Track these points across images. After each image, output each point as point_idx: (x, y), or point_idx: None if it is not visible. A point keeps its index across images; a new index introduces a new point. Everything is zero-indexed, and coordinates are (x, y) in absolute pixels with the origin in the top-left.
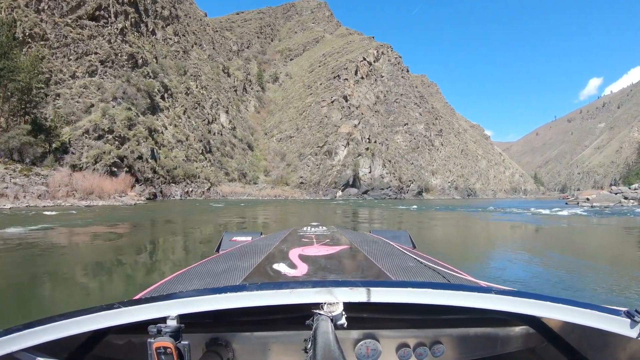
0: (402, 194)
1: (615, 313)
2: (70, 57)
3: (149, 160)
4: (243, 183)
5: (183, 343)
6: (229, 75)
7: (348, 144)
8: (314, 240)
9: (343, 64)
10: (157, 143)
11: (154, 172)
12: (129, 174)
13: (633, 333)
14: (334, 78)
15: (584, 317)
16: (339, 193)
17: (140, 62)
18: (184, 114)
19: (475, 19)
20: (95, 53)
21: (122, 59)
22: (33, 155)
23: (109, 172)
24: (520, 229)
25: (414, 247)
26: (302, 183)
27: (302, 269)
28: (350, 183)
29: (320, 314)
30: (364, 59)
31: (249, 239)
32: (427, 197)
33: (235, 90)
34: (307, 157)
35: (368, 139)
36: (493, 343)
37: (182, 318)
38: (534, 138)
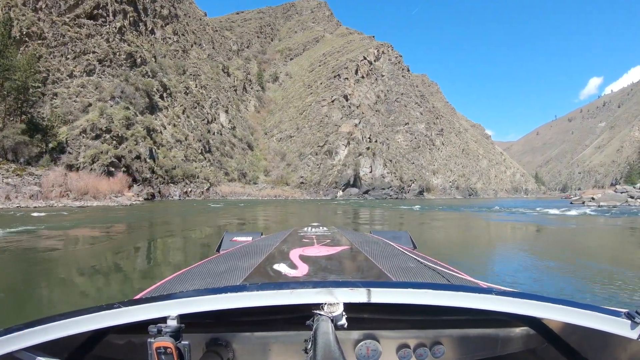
0: (403, 194)
1: (616, 314)
2: (68, 56)
3: (147, 160)
4: (243, 183)
5: (183, 343)
6: (229, 75)
7: (349, 144)
8: (315, 241)
9: (343, 63)
10: (155, 143)
11: (152, 172)
12: (127, 174)
13: (633, 334)
14: (334, 77)
15: (585, 318)
16: (340, 193)
17: (139, 61)
18: (183, 114)
19: (475, 19)
20: (93, 52)
21: (120, 58)
22: (28, 155)
23: (106, 172)
24: (532, 230)
25: (415, 247)
26: (302, 183)
27: (302, 270)
28: (351, 183)
29: (321, 315)
30: (365, 58)
31: (250, 239)
32: (428, 196)
33: (235, 90)
34: (307, 156)
35: (369, 139)
36: (493, 344)
37: (182, 318)
38: (535, 137)
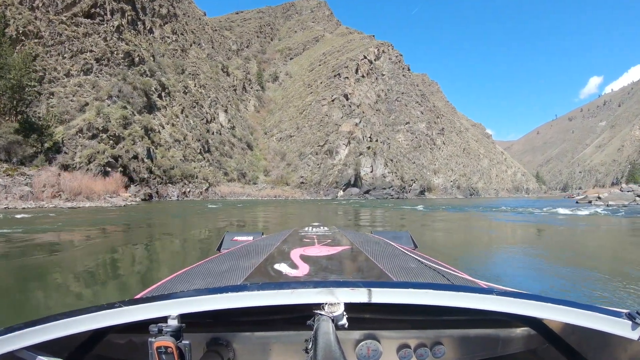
0: (404, 194)
1: (617, 315)
2: (65, 55)
3: (145, 160)
4: (242, 183)
5: (184, 342)
6: (228, 75)
7: (349, 143)
8: (316, 241)
9: (343, 63)
10: (153, 142)
11: (150, 172)
12: (124, 175)
13: (634, 335)
14: (335, 76)
15: (585, 318)
16: (341, 193)
17: (137, 60)
18: (182, 113)
19: (475, 18)
20: (91, 51)
21: (118, 57)
22: (21, 155)
23: (103, 172)
24: (548, 232)
25: (416, 247)
26: (302, 183)
27: (303, 269)
28: (352, 183)
29: (321, 315)
30: (365, 57)
31: (250, 239)
32: (429, 196)
33: (235, 90)
34: (307, 156)
35: (369, 138)
36: (494, 344)
37: (183, 317)
38: (535, 137)
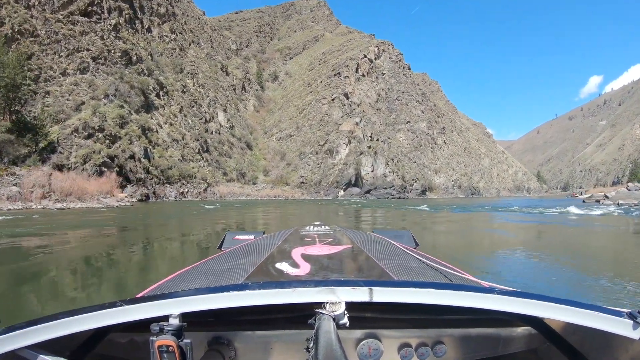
0: (405, 193)
1: (618, 314)
2: (61, 53)
3: (142, 160)
4: (242, 183)
5: (185, 341)
6: (228, 74)
7: (349, 142)
8: (317, 240)
9: (343, 62)
10: (151, 142)
11: (147, 172)
12: (119, 175)
13: (635, 335)
14: (335, 75)
15: (586, 318)
16: (341, 193)
17: (135, 59)
18: (180, 112)
19: (474, 18)
20: (87, 49)
21: (115, 56)
22: (13, 155)
23: (98, 172)
24: (573, 235)
25: (417, 246)
26: (302, 183)
27: (304, 268)
28: (353, 182)
29: (323, 314)
30: (365, 56)
31: (252, 238)
32: (430, 196)
33: (234, 89)
34: (307, 156)
35: (370, 137)
36: (495, 343)
37: (184, 316)
38: (535, 136)
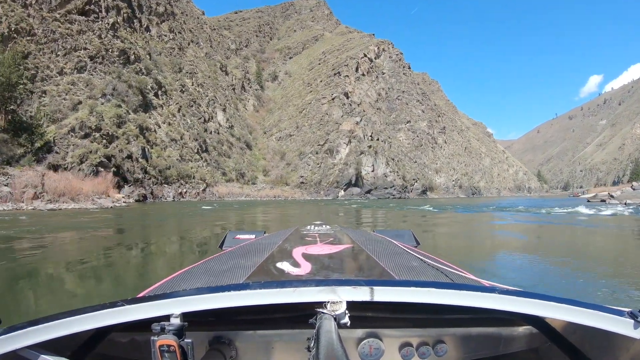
0: (406, 193)
1: (619, 314)
2: (58, 52)
3: (140, 160)
4: (241, 183)
5: (186, 341)
6: (227, 74)
7: (350, 142)
8: (318, 239)
9: (343, 61)
10: (149, 142)
11: (145, 172)
12: (117, 175)
13: (636, 334)
14: (334, 75)
15: (588, 317)
16: (341, 193)
17: (133, 58)
18: (179, 112)
19: (474, 18)
20: (85, 49)
21: (113, 55)
22: (8, 154)
23: (95, 172)
24: (590, 237)
25: (418, 245)
26: (302, 183)
27: (305, 268)
28: (353, 182)
29: (324, 313)
30: (365, 56)
31: (253, 237)
32: (431, 195)
33: (234, 89)
34: (307, 155)
35: (370, 137)
36: (496, 343)
37: (185, 316)
38: (535, 136)
